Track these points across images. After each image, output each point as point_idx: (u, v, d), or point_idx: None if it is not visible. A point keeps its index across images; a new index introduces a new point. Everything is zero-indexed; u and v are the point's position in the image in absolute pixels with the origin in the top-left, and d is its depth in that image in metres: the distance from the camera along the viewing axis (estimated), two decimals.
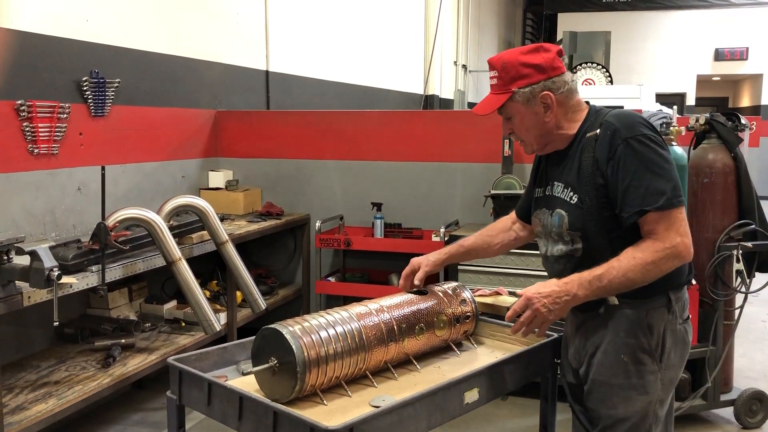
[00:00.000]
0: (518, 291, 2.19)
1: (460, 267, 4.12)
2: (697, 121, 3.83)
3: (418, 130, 4.78)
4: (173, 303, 4.02)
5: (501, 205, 4.17)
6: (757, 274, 3.65)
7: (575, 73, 9.34)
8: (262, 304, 3.85)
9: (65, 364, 3.26)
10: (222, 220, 3.92)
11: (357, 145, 4.84)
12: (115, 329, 3.58)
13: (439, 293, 2.15)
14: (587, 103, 2.05)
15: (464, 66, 11.55)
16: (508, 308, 2.38)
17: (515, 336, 2.19)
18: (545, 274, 3.93)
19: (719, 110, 3.95)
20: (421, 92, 9.73)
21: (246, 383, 1.86)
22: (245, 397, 1.70)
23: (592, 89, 8.86)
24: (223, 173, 4.84)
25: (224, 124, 4.97)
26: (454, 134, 4.69)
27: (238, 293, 3.98)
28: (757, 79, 14.60)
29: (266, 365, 1.76)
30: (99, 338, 3.48)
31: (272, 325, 1.79)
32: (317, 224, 4.52)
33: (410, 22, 9.42)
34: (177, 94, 4.50)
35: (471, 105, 11.87)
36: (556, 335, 2.17)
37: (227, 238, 3.69)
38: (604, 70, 9.32)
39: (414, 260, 2.23)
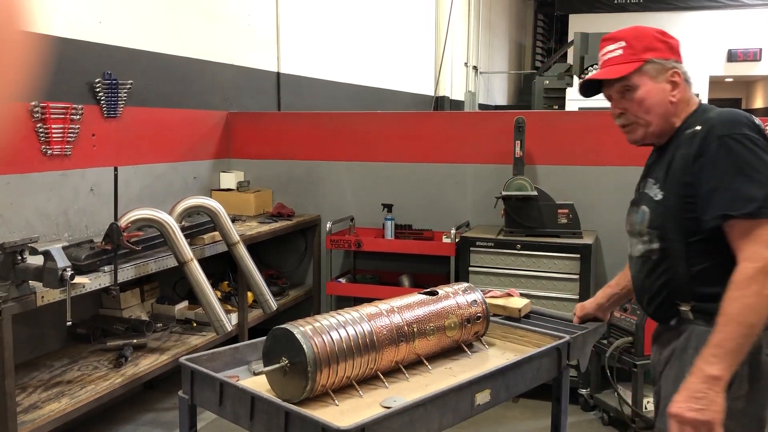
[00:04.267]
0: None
1: (471, 268, 4.11)
2: None
3: (428, 131, 4.77)
4: (185, 303, 4.04)
5: (512, 206, 4.16)
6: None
7: (586, 74, 9.30)
8: (273, 304, 3.86)
9: (78, 364, 3.28)
10: (233, 221, 3.93)
11: (368, 146, 4.84)
12: (127, 329, 3.59)
13: (450, 294, 2.15)
14: (698, 99, 1.95)
15: (475, 67, 11.53)
16: (519, 310, 2.37)
17: (527, 337, 2.20)
18: (558, 275, 3.95)
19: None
20: (432, 93, 9.73)
21: (258, 383, 1.86)
22: (257, 397, 1.71)
23: None
24: (234, 174, 4.85)
25: (236, 126, 4.99)
26: (464, 135, 4.68)
27: (250, 294, 3.99)
28: None
29: (277, 365, 1.77)
30: (111, 338, 3.50)
31: (283, 326, 1.79)
32: (328, 225, 4.52)
33: (421, 23, 9.42)
34: (189, 95, 4.52)
35: (482, 106, 11.85)
36: (567, 337, 2.15)
37: (238, 238, 3.70)
38: None
39: (588, 312, 2.28)
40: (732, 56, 14.31)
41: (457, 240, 4.20)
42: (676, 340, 1.83)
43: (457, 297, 2.15)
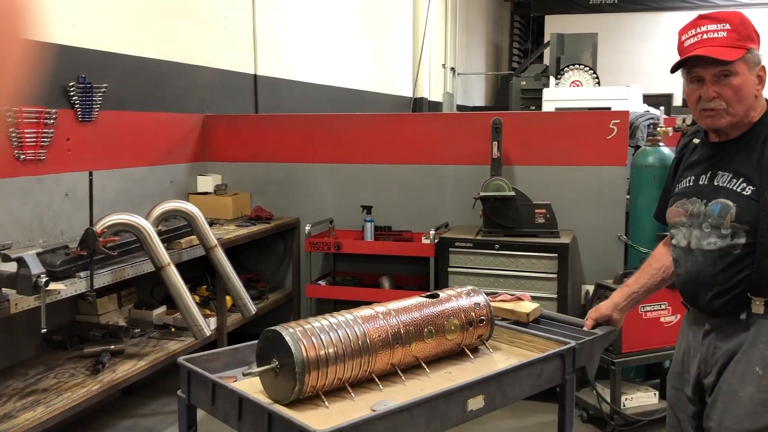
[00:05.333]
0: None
1: (450, 269, 4.12)
2: (683, 121, 3.86)
3: (407, 132, 4.79)
4: (163, 308, 4.00)
5: (490, 207, 4.18)
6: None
7: (563, 74, 9.38)
8: (251, 308, 3.84)
9: (54, 371, 3.24)
10: (211, 224, 3.90)
11: (346, 148, 4.84)
12: (104, 335, 3.55)
13: (452, 297, 2.11)
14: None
15: (453, 69, 11.57)
16: (527, 314, 2.31)
17: (533, 342, 2.15)
18: (536, 275, 3.98)
19: None
20: (410, 95, 9.75)
21: (254, 384, 1.87)
22: (244, 398, 1.73)
23: (579, 91, 8.91)
24: (211, 178, 4.82)
25: (213, 129, 4.96)
26: (443, 136, 4.69)
27: (228, 298, 3.97)
28: None
29: (266, 367, 1.79)
30: (88, 345, 3.45)
31: (274, 327, 1.80)
32: (307, 228, 4.51)
33: (399, 25, 9.44)
34: (165, 98, 4.49)
35: (460, 108, 11.90)
36: (573, 343, 2.08)
37: (216, 242, 3.68)
38: (592, 71, 9.37)
39: (603, 313, 2.20)
40: None
41: (436, 241, 4.21)
42: (742, 334, 1.83)
43: (459, 300, 2.11)
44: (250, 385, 1.85)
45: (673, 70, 1.93)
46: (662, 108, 4.93)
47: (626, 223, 4.30)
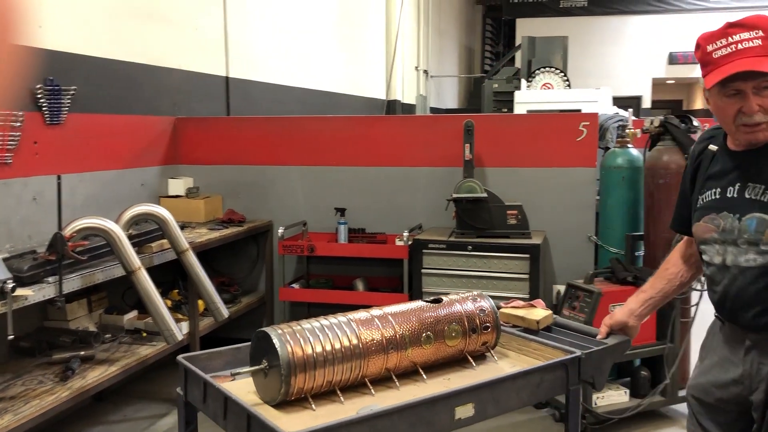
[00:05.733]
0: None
1: (423, 270, 4.14)
2: (651, 123, 3.93)
3: (380, 135, 4.80)
4: (134, 313, 3.96)
5: (463, 208, 4.21)
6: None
7: (534, 77, 9.48)
8: (224, 312, 3.82)
9: (21, 379, 3.18)
10: (182, 228, 3.87)
11: (319, 150, 4.83)
12: (74, 341, 3.50)
13: (456, 302, 2.07)
14: None
15: (426, 71, 11.62)
16: (537, 321, 2.21)
17: (540, 351, 2.09)
18: (508, 275, 4.01)
19: (674, 113, 4.06)
20: (384, 97, 9.77)
21: (250, 384, 1.88)
22: (228, 398, 1.74)
23: (550, 93, 9.01)
24: (183, 181, 4.78)
25: (184, 131, 4.92)
26: (416, 139, 4.71)
27: (200, 302, 3.94)
28: None
29: (254, 368, 1.81)
30: (57, 351, 3.40)
31: (264, 328, 1.81)
32: (280, 231, 4.49)
33: (372, 27, 9.46)
34: (135, 101, 4.44)
35: (433, 110, 11.96)
36: (578, 353, 2.00)
37: (188, 246, 3.65)
38: (562, 74, 9.48)
39: (619, 319, 2.10)
40: (673, 59, 14.77)
41: (410, 243, 4.22)
42: None
43: (464, 305, 2.06)
44: (246, 385, 1.86)
45: (710, 84, 1.80)
46: (631, 110, 5.01)
47: (596, 224, 4.36)
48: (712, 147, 1.94)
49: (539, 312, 2.29)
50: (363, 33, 9.17)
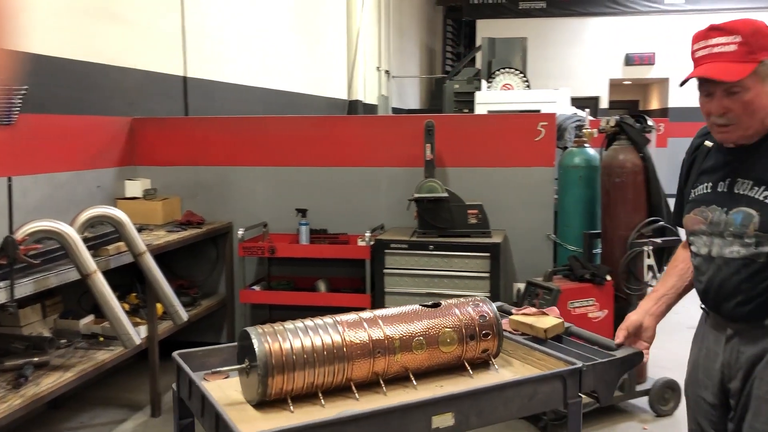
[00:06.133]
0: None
1: (386, 270, 4.14)
2: (607, 123, 4.00)
3: (341, 135, 4.79)
4: (90, 318, 3.87)
5: (424, 208, 4.23)
6: (666, 268, 3.83)
7: (494, 78, 9.58)
8: (183, 315, 3.76)
9: None
10: (140, 230, 3.80)
11: (280, 150, 4.80)
12: (27, 347, 3.40)
13: (454, 307, 1.99)
14: None
15: (387, 71, 11.64)
16: (545, 330, 2.11)
17: (544, 360, 2.00)
18: (469, 274, 4.04)
19: (630, 113, 4.14)
20: (346, 97, 9.75)
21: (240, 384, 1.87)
22: (204, 397, 1.74)
23: (510, 94, 9.12)
24: (140, 182, 4.70)
25: (141, 132, 4.83)
26: (377, 139, 4.72)
27: (159, 305, 3.87)
28: (664, 82, 15.36)
29: (235, 367, 1.80)
30: (9, 358, 3.30)
31: (247, 328, 1.79)
32: (240, 232, 4.44)
33: (333, 28, 9.43)
34: (90, 101, 4.35)
35: (395, 110, 11.98)
36: (579, 364, 1.89)
37: (145, 248, 3.59)
38: (522, 75, 9.60)
39: (634, 320, 2.04)
40: (629, 60, 15.07)
41: (372, 243, 4.22)
42: (766, 339, 1.82)
43: (462, 310, 1.98)
44: (237, 384, 1.86)
45: (681, 84, 1.90)
46: (587, 110, 5.09)
47: (555, 222, 4.42)
48: (708, 143, 1.99)
49: (549, 320, 2.18)
50: (324, 33, 9.14)
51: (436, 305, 1.98)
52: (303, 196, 4.72)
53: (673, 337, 5.12)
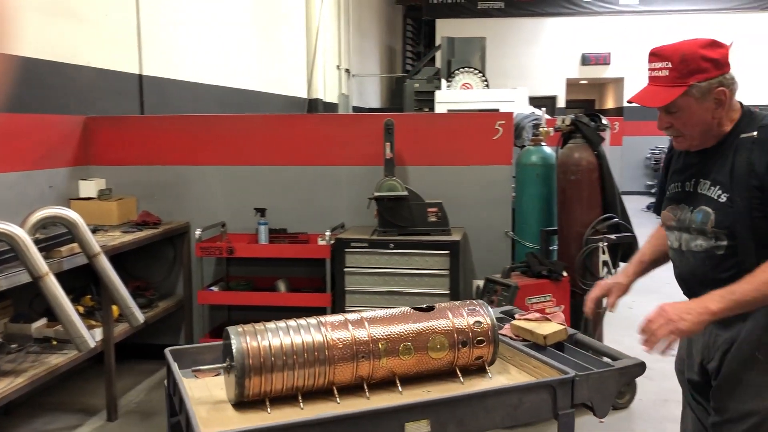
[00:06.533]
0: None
1: (346, 269, 4.14)
2: (563, 122, 4.06)
3: (301, 133, 4.76)
4: (43, 321, 3.77)
5: (384, 207, 4.24)
6: (621, 264, 3.92)
7: (454, 77, 9.65)
8: (139, 317, 3.70)
9: None
10: (94, 231, 3.73)
11: (238, 149, 4.75)
12: None
13: (448, 311, 1.92)
14: (740, 103, 2.04)
15: (347, 70, 11.62)
16: (545, 336, 2.05)
17: (539, 368, 1.93)
18: (429, 272, 4.06)
19: (587, 112, 4.22)
20: (305, 96, 9.70)
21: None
22: (181, 396, 1.74)
23: (469, 93, 9.19)
24: (95, 182, 4.60)
25: (95, 131, 4.73)
26: (337, 137, 4.70)
27: (115, 307, 3.80)
28: (619, 82, 15.67)
29: (215, 366, 1.80)
30: None
31: (229, 327, 1.78)
32: (197, 232, 4.39)
33: (292, 26, 9.37)
34: (41, 99, 4.23)
35: (356, 109, 11.97)
36: (572, 374, 1.83)
37: (99, 250, 3.51)
38: (481, 74, 9.69)
39: (603, 284, 2.22)
40: (585, 60, 15.34)
41: (332, 242, 4.21)
42: (740, 323, 1.96)
43: (456, 316, 1.91)
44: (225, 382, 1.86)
45: (630, 101, 2.08)
46: (544, 109, 5.17)
47: (513, 220, 4.47)
48: None
49: (550, 326, 2.12)
50: (283, 31, 9.08)
51: (430, 308, 1.92)
52: (262, 196, 4.68)
53: (626, 331, 5.24)
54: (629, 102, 2.05)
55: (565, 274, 3.88)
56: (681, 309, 1.86)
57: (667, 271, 2.28)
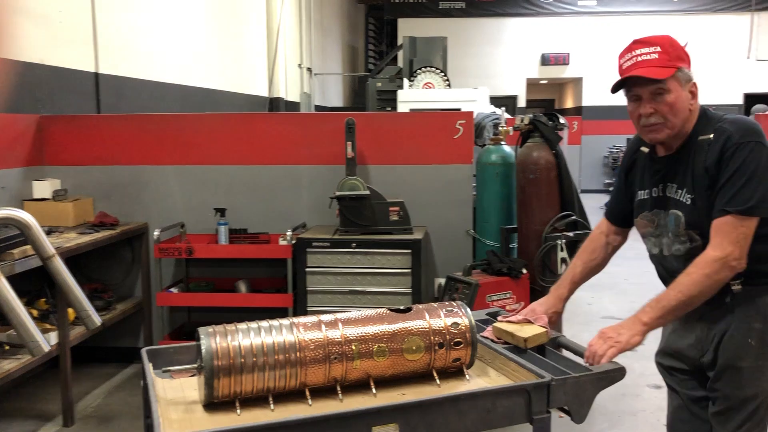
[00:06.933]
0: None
1: (308, 269, 4.12)
2: (522, 121, 4.11)
3: (261, 132, 4.72)
4: None
5: (346, 206, 4.23)
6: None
7: (416, 76, 9.67)
8: (96, 320, 3.60)
9: None
10: (49, 233, 3.64)
11: (197, 149, 4.69)
12: None
13: (425, 313, 1.90)
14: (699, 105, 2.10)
15: (309, 69, 11.57)
16: (525, 339, 2.02)
17: (518, 372, 1.90)
18: (391, 271, 4.07)
19: (545, 111, 4.27)
20: (267, 95, 9.63)
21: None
22: (148, 395, 1.73)
23: (431, 92, 9.23)
24: (49, 183, 4.49)
25: (50, 130, 4.62)
26: (298, 137, 4.68)
27: (71, 310, 3.72)
28: (578, 82, 15.92)
29: (186, 366, 1.79)
30: None
31: (200, 328, 1.76)
32: (156, 233, 4.32)
33: (253, 24, 9.29)
34: None
35: (318, 108, 11.92)
36: (548, 377, 1.79)
37: (54, 252, 3.42)
38: (443, 74, 9.73)
39: (531, 308, 2.20)
40: (545, 60, 15.54)
41: (293, 242, 4.19)
42: (729, 314, 2.04)
43: (433, 317, 1.88)
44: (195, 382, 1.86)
45: (614, 90, 2.07)
46: (503, 108, 5.22)
47: (474, 218, 4.51)
48: (644, 149, 2.20)
49: (531, 329, 2.09)
50: (244, 29, 9.00)
51: (407, 309, 1.90)
52: (222, 196, 4.63)
53: (585, 327, 5.34)
54: (626, 77, 2.01)
55: (524, 271, 3.92)
56: (617, 327, 1.96)
57: (624, 267, 2.33)
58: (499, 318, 2.21)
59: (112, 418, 3.87)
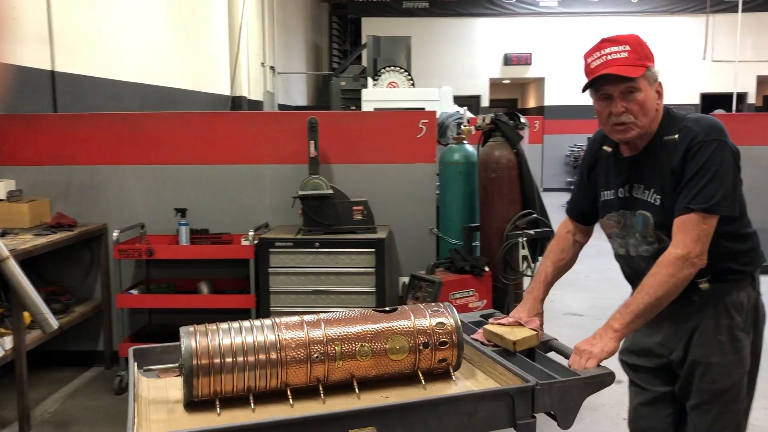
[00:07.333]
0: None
1: (270, 269, 4.08)
2: (483, 120, 4.15)
3: (223, 131, 4.67)
4: None
5: (309, 205, 4.21)
6: (540, 258, 4.03)
7: (380, 76, 9.68)
8: (53, 323, 3.52)
9: None
10: (3, 234, 3.56)
11: (157, 148, 4.62)
12: None
13: (410, 313, 1.87)
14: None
15: (272, 67, 11.48)
16: (514, 342, 2.00)
17: (505, 375, 1.88)
18: (355, 270, 4.07)
19: (508, 111, 4.31)
20: (229, 93, 9.53)
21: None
22: (129, 394, 1.73)
23: (395, 91, 9.25)
24: (4, 183, 4.38)
25: (3, 129, 4.51)
26: (261, 136, 4.65)
27: (26, 314, 3.63)
28: (540, 82, 16.11)
29: (167, 366, 1.78)
30: None
31: (181, 327, 1.74)
32: (115, 234, 4.24)
33: (214, 22, 9.18)
34: None
35: (282, 107, 11.84)
36: (533, 381, 1.76)
37: (8, 254, 3.34)
38: (407, 73, 9.76)
39: (528, 319, 2.15)
40: (508, 60, 15.69)
41: (256, 242, 4.16)
42: (698, 312, 2.07)
43: (417, 317, 1.86)
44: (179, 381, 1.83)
45: (584, 89, 2.06)
46: (466, 108, 5.26)
47: (437, 217, 4.53)
48: (606, 148, 2.19)
49: (521, 332, 2.06)
50: (205, 28, 8.89)
51: (392, 310, 1.88)
52: (182, 196, 4.57)
53: (547, 323, 5.40)
54: (599, 74, 1.99)
55: (487, 269, 3.96)
56: (590, 339, 1.96)
57: (585, 264, 2.36)
58: (490, 320, 2.18)
59: (70, 424, 3.79)
